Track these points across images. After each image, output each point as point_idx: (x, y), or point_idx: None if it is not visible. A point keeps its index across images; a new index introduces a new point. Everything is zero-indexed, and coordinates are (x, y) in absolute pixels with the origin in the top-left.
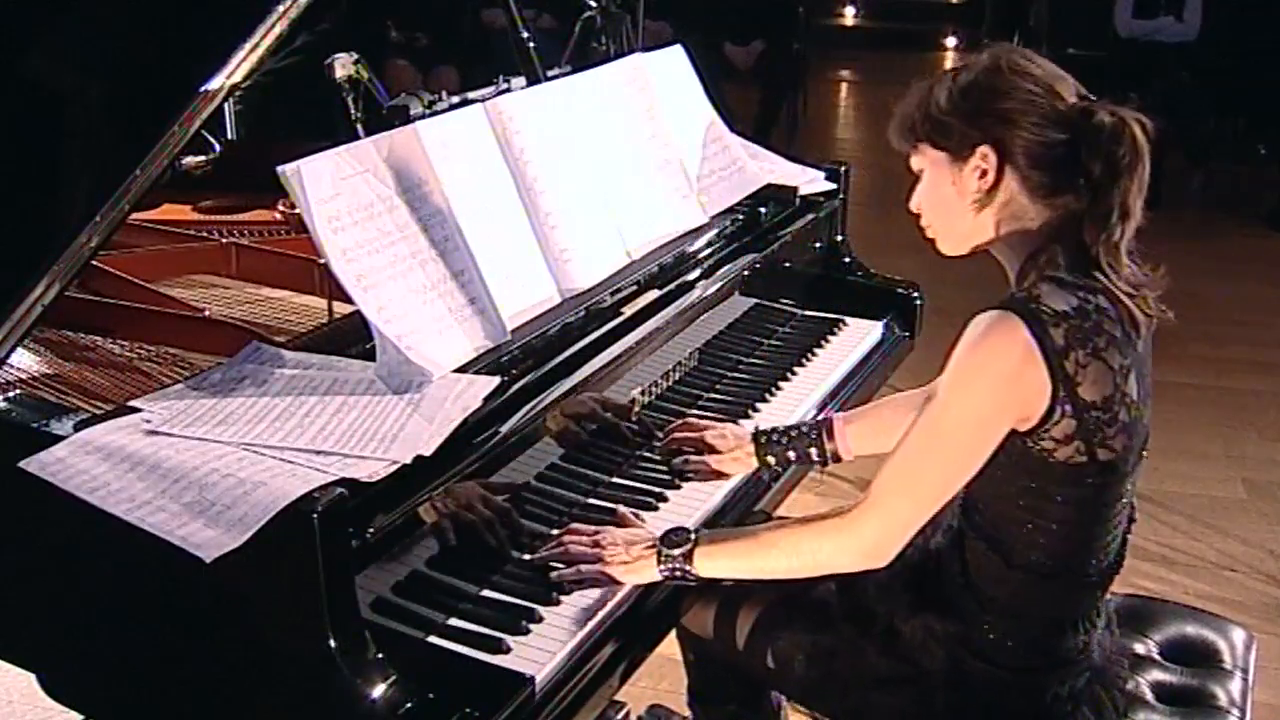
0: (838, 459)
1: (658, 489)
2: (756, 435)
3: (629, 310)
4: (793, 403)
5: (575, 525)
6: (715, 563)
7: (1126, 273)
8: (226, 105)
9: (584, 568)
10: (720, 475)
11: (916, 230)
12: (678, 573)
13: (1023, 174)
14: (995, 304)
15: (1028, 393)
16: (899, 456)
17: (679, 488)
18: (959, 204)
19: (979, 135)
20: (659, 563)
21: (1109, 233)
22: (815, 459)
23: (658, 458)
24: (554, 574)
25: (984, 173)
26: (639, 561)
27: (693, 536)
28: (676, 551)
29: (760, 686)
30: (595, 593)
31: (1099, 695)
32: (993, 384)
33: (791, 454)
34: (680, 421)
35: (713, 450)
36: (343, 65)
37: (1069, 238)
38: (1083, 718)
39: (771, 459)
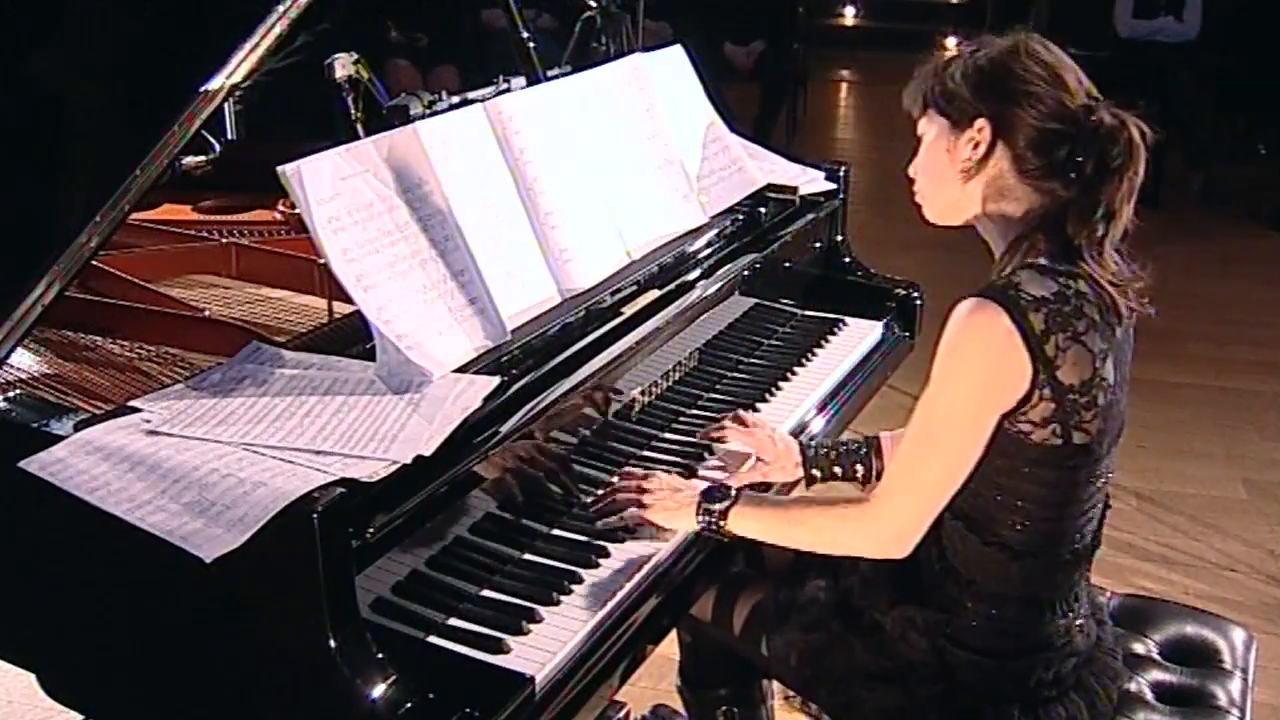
0: (880, 477)
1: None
2: (804, 448)
3: (629, 310)
4: (793, 403)
5: (628, 469)
6: (746, 524)
7: (1111, 266)
8: (226, 105)
9: (628, 511)
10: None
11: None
12: (712, 526)
13: (1016, 153)
14: (975, 291)
15: (1011, 378)
16: (900, 453)
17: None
18: (949, 171)
19: (981, 108)
20: (697, 513)
21: (1091, 228)
22: (860, 476)
23: (658, 458)
24: (599, 523)
25: (977, 144)
26: (681, 510)
27: (732, 495)
28: (716, 507)
29: (753, 672)
30: (595, 593)
31: (1089, 683)
32: (977, 373)
33: (838, 469)
34: (733, 416)
35: (759, 457)
36: (343, 65)
37: (1053, 226)
38: (1071, 704)
39: (817, 472)
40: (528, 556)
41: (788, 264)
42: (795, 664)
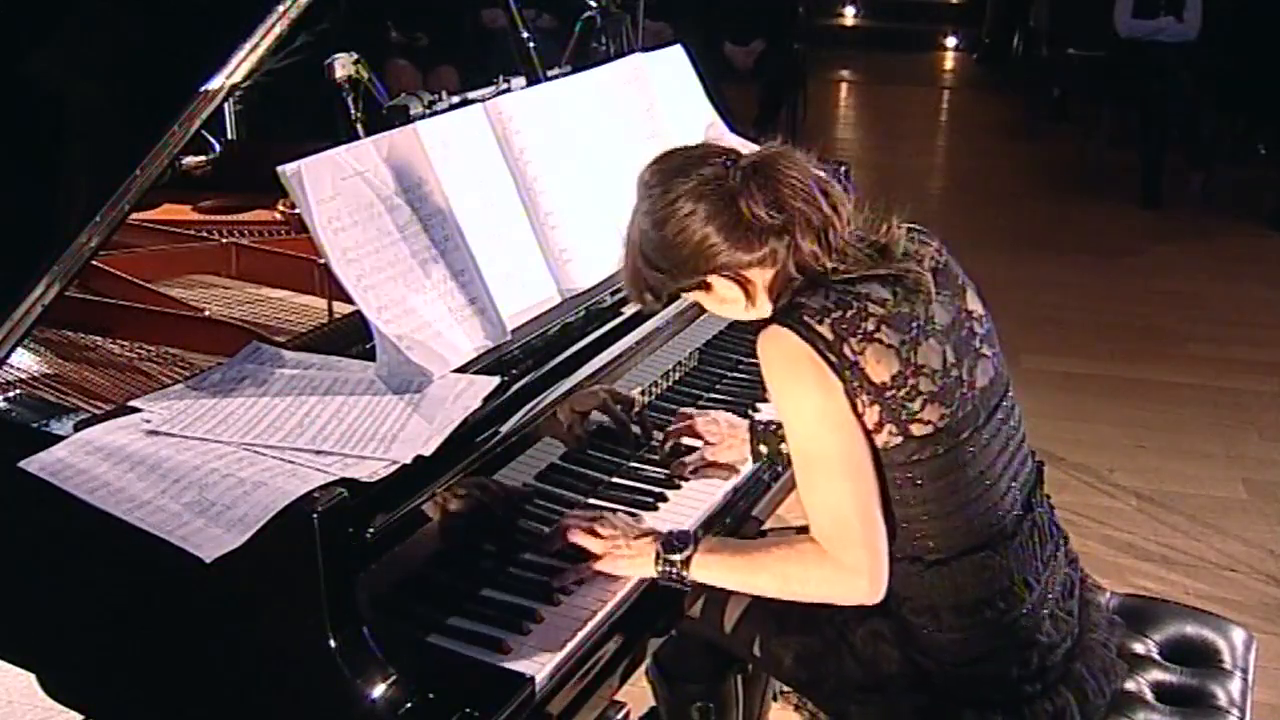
0: None
1: (658, 489)
2: (753, 424)
3: (629, 310)
4: None
5: (574, 513)
6: (709, 572)
7: (858, 254)
8: (226, 105)
9: (583, 564)
10: (720, 467)
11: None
12: (672, 576)
13: (756, 263)
14: (765, 321)
15: (829, 385)
16: (806, 502)
17: (679, 487)
18: (739, 307)
19: (698, 276)
20: (656, 563)
21: (826, 244)
22: None
23: (658, 457)
24: (554, 581)
25: (730, 288)
26: (639, 557)
27: (692, 544)
28: (675, 557)
29: (730, 669)
30: (596, 592)
31: (1078, 674)
32: (803, 390)
33: (785, 446)
34: (677, 418)
35: (706, 441)
36: (343, 65)
37: (820, 261)
38: (1059, 698)
39: (764, 448)
40: (528, 556)
41: None
42: (790, 666)
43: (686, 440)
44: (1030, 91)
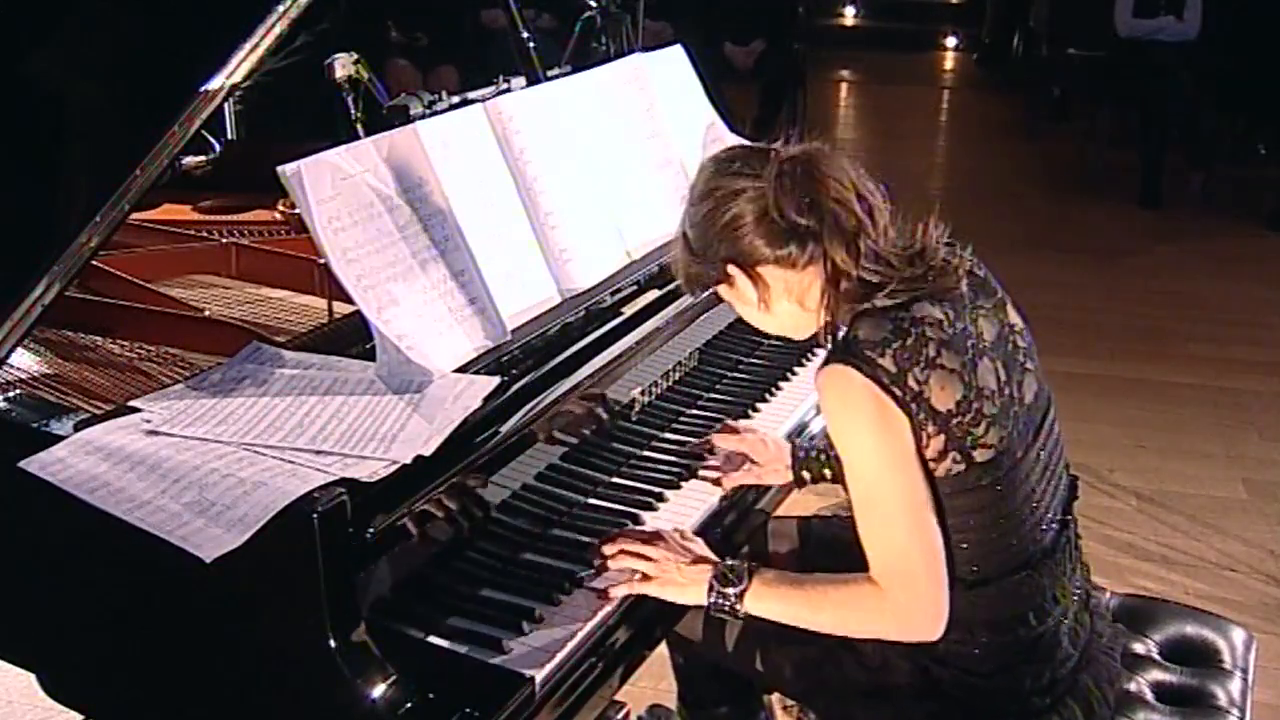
0: None
1: (657, 489)
2: (795, 450)
3: (629, 310)
4: (793, 403)
5: (627, 530)
6: (764, 605)
7: (896, 246)
8: (226, 105)
9: (636, 585)
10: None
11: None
12: (726, 609)
13: (772, 259)
14: (825, 360)
15: (894, 423)
16: (866, 541)
17: (679, 488)
18: (761, 309)
19: (719, 262)
20: (709, 594)
21: (856, 251)
22: None
23: (657, 457)
24: (600, 583)
25: (745, 283)
26: (691, 586)
27: (747, 577)
28: (730, 590)
29: (751, 686)
30: (595, 593)
31: (1085, 685)
32: (865, 428)
33: (828, 472)
34: (722, 426)
35: (753, 461)
36: (343, 65)
37: (848, 270)
38: (1067, 709)
39: (807, 474)
40: (528, 556)
41: None
42: (791, 677)
43: (725, 444)
44: (1030, 91)
